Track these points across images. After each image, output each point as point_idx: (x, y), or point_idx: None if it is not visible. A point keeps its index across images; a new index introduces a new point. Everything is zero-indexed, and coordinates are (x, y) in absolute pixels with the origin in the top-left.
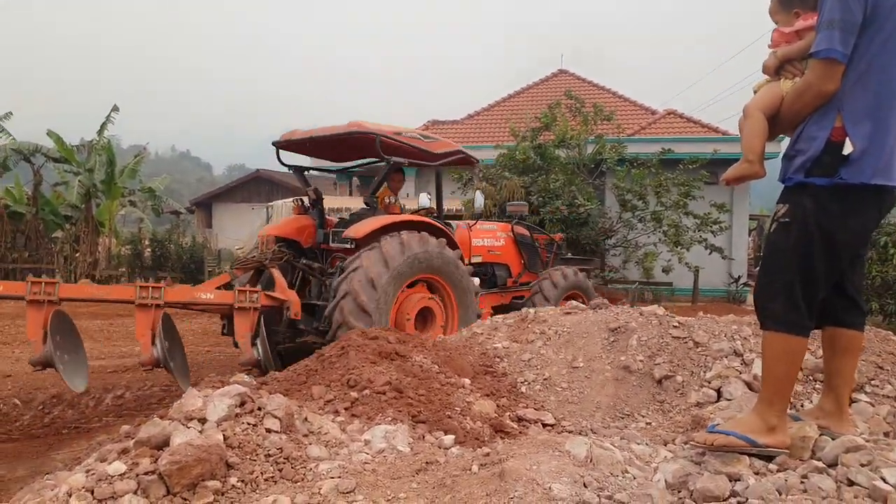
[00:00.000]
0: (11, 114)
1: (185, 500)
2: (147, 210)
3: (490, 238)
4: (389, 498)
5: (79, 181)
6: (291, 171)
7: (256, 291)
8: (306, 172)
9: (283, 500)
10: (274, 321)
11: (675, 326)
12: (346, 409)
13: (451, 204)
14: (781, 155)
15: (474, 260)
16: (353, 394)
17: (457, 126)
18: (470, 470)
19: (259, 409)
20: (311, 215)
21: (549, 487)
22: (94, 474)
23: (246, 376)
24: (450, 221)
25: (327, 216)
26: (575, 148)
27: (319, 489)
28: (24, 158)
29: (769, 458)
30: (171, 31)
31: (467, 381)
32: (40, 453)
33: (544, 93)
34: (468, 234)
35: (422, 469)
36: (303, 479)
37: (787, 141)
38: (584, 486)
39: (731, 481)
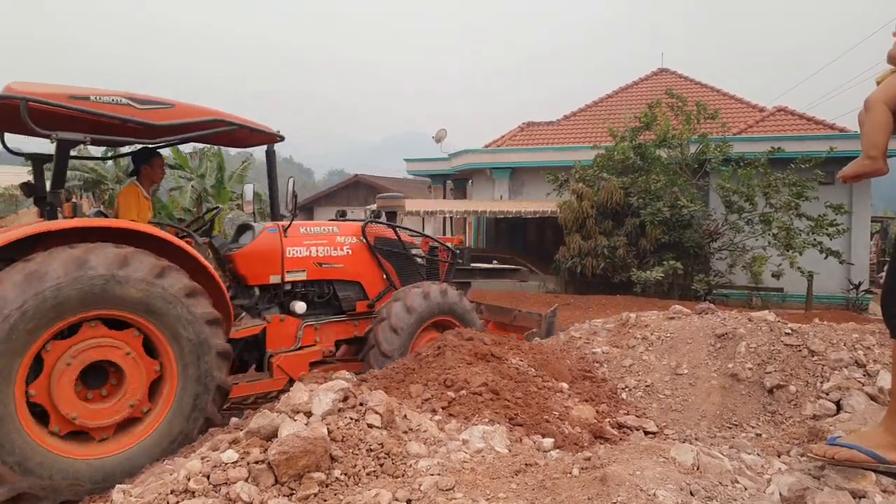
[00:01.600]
0: None
1: (292, 489)
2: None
3: (322, 245)
4: (489, 497)
5: (192, 186)
6: (25, 159)
7: None
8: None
9: (384, 494)
10: None
11: (787, 333)
12: (443, 408)
13: (545, 206)
14: None
15: (293, 277)
16: (450, 393)
17: (552, 127)
18: (570, 473)
19: (361, 404)
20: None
21: (654, 494)
22: (209, 461)
23: (347, 373)
24: (252, 224)
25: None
26: (677, 147)
27: (419, 485)
28: None
29: None
30: (281, 43)
31: (565, 385)
32: None
33: (644, 92)
34: (279, 240)
35: (521, 470)
36: (403, 475)
37: None
38: (691, 494)
39: (855, 498)
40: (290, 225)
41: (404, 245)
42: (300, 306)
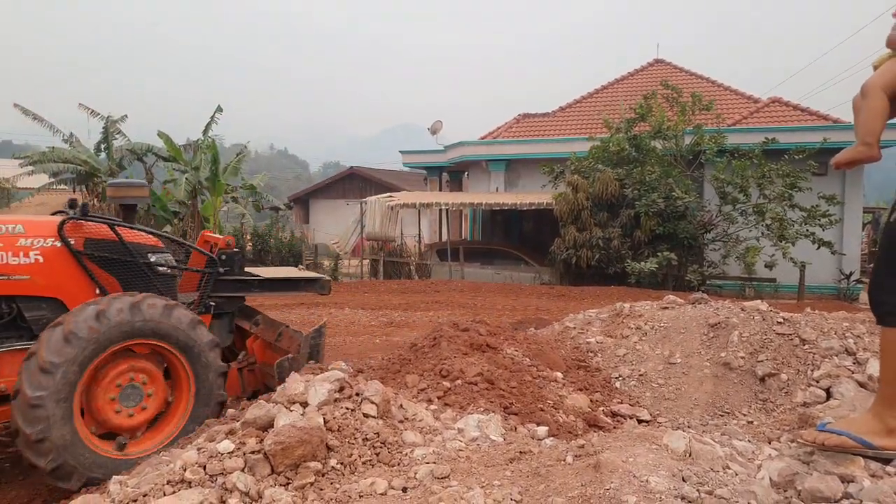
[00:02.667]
0: (126, 117)
1: (289, 479)
2: (248, 206)
3: None
4: (484, 484)
5: (186, 178)
6: None
7: None
8: None
9: (380, 483)
10: None
11: (779, 323)
12: (438, 397)
13: (541, 198)
14: None
15: None
16: (446, 383)
17: (548, 119)
18: (564, 461)
19: (357, 394)
20: None
21: (647, 480)
22: (205, 452)
23: (343, 363)
24: None
25: None
26: (672, 139)
27: (415, 474)
28: (137, 158)
29: (887, 461)
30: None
31: (560, 374)
32: None
33: (639, 83)
34: None
35: (515, 458)
36: (399, 464)
37: None
38: (683, 480)
39: (843, 483)
40: None
41: (129, 249)
42: None
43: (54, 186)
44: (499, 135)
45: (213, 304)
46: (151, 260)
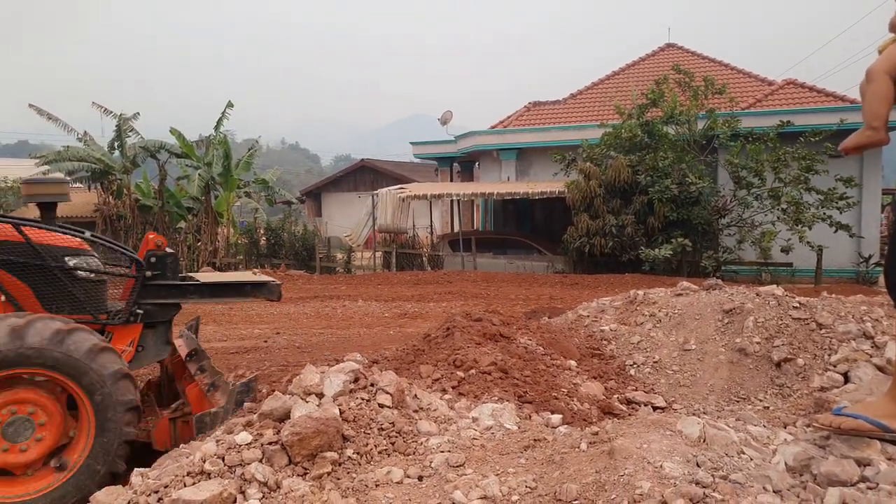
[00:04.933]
0: (139, 114)
1: (306, 469)
2: (261, 200)
3: None
4: (498, 472)
5: (199, 175)
6: None
7: None
8: None
9: (396, 471)
10: None
11: (795, 307)
12: (453, 387)
13: (553, 187)
14: None
15: None
16: (460, 373)
17: (559, 106)
18: (578, 448)
19: (372, 385)
20: None
21: (661, 466)
22: (223, 443)
23: (358, 355)
24: None
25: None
26: (685, 124)
27: (430, 462)
28: (150, 155)
29: None
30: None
31: (573, 363)
32: None
33: (651, 68)
34: None
35: (530, 446)
36: (414, 453)
37: None
38: (698, 465)
39: (859, 466)
40: None
41: (38, 251)
42: None
43: (70, 185)
44: (509, 124)
45: (140, 311)
46: (70, 264)
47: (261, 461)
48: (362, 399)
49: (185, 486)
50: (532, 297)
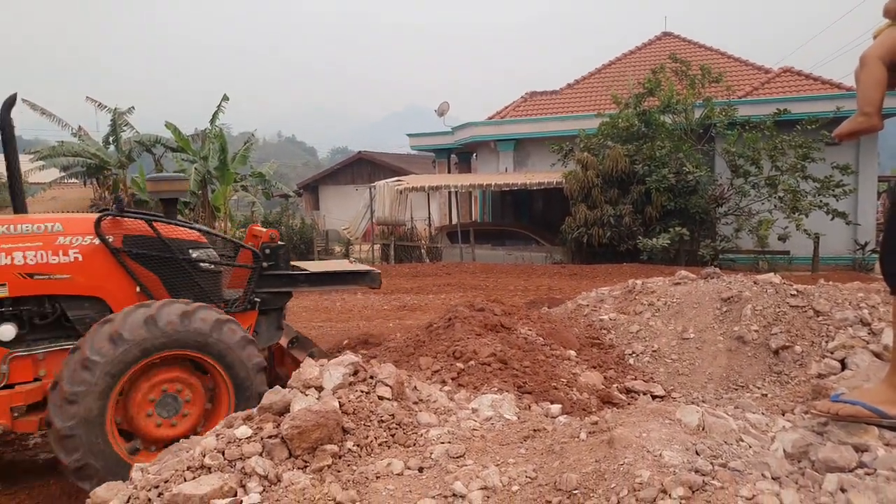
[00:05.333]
0: (133, 108)
1: (306, 462)
2: (258, 194)
3: (33, 249)
4: (498, 462)
5: (195, 169)
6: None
7: None
8: None
9: (396, 463)
10: None
11: (792, 295)
12: (452, 378)
13: (551, 177)
14: None
15: None
16: (459, 364)
17: (556, 97)
18: (578, 437)
19: (371, 377)
20: None
21: (660, 454)
22: (223, 438)
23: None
24: None
25: None
26: (681, 113)
27: (431, 453)
28: (146, 149)
29: None
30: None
31: (573, 353)
32: None
33: (647, 57)
34: None
35: (529, 436)
36: (414, 444)
37: None
38: (697, 453)
39: (857, 452)
40: None
41: (168, 245)
42: (5, 331)
43: (65, 180)
44: (506, 114)
45: (258, 300)
46: (193, 256)
47: (261, 455)
48: (362, 391)
49: (185, 480)
50: (531, 287)
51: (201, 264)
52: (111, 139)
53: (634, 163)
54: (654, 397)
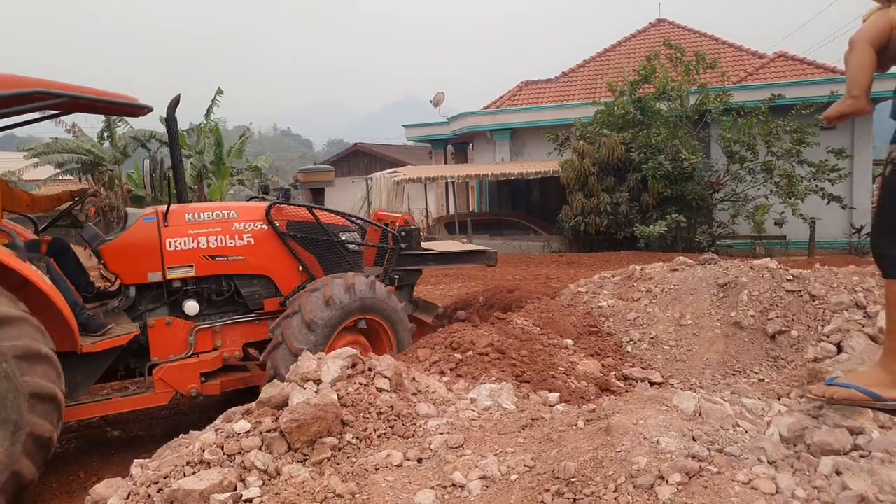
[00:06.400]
0: None
1: (305, 455)
2: (255, 188)
3: (214, 234)
4: (497, 452)
5: (190, 163)
6: None
7: None
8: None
9: (395, 454)
10: None
11: (788, 280)
12: (451, 369)
13: (547, 166)
14: (894, 90)
15: (176, 273)
16: (457, 355)
17: (551, 85)
18: (576, 425)
19: (369, 369)
20: None
21: (657, 441)
22: (222, 432)
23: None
24: (129, 210)
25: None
26: (677, 99)
27: (430, 444)
28: (141, 144)
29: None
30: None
31: (570, 341)
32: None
33: (642, 44)
34: (156, 230)
35: (528, 425)
36: (413, 435)
37: None
38: (694, 439)
39: (852, 435)
40: (167, 211)
41: (325, 229)
42: (192, 307)
43: (60, 177)
44: (502, 104)
45: (396, 276)
46: (342, 238)
47: (260, 449)
48: (360, 384)
49: (184, 475)
50: (529, 276)
51: (349, 245)
52: (105, 135)
53: (630, 150)
54: (651, 384)
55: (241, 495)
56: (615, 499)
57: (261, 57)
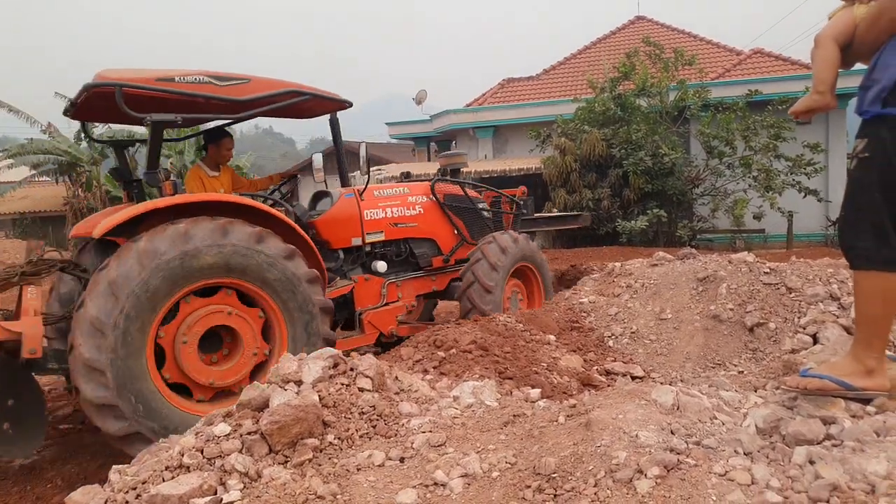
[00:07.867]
0: None
1: (287, 457)
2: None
3: (396, 206)
4: (479, 449)
5: (170, 163)
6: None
7: None
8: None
9: (377, 454)
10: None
11: (766, 273)
12: (434, 367)
13: (530, 163)
14: (859, 86)
15: (371, 238)
16: (441, 353)
17: (533, 82)
18: (556, 421)
19: (351, 369)
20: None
21: (636, 435)
22: (202, 436)
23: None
24: (329, 191)
25: None
26: (656, 96)
27: (412, 443)
28: (123, 147)
29: (867, 402)
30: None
31: (552, 337)
32: None
33: (622, 41)
34: (356, 204)
35: (509, 422)
36: (395, 435)
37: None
38: (672, 433)
39: (825, 424)
40: (365, 188)
41: (471, 200)
42: (381, 265)
43: (36, 178)
44: (484, 101)
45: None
46: (479, 206)
47: (241, 452)
48: (342, 384)
49: (163, 480)
50: None
51: (485, 213)
52: (83, 135)
53: (611, 147)
54: (633, 378)
55: (222, 499)
56: (595, 493)
57: (240, 56)
